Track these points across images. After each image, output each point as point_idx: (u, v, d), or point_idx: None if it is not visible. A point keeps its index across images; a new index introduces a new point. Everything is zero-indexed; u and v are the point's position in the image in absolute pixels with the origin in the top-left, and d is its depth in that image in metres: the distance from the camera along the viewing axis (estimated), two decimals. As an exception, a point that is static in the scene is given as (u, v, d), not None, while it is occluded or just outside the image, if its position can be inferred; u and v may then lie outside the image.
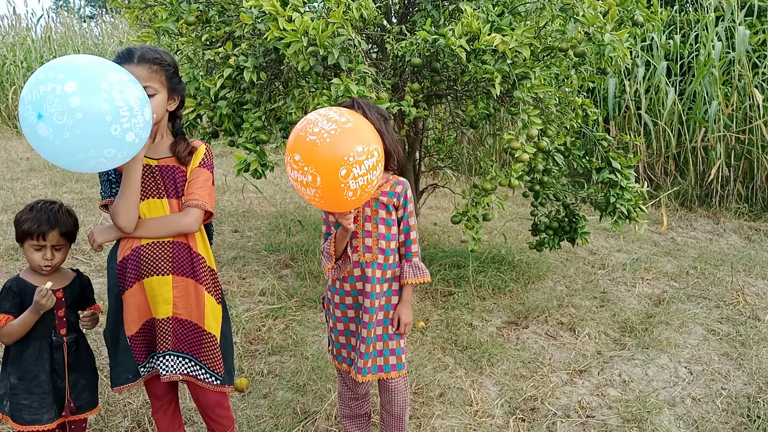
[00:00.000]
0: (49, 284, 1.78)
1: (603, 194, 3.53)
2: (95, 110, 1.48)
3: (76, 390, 1.92)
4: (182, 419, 2.15)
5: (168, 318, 1.86)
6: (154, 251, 1.81)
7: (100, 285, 3.63)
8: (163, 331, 1.87)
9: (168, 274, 1.83)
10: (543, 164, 3.44)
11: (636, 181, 4.83)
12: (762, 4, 5.96)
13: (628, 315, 3.53)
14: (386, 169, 2.01)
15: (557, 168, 3.59)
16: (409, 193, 2.00)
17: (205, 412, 2.04)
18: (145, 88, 1.69)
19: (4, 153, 7.85)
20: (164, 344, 1.88)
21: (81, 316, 1.93)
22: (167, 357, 1.89)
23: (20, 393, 1.84)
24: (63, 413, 1.90)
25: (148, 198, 1.80)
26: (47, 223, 1.80)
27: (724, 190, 5.69)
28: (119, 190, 1.75)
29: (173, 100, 1.82)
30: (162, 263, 1.82)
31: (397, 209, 1.99)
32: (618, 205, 3.41)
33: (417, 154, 4.10)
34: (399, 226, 2.00)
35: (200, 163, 1.85)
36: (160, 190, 1.81)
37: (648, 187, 5.01)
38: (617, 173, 3.43)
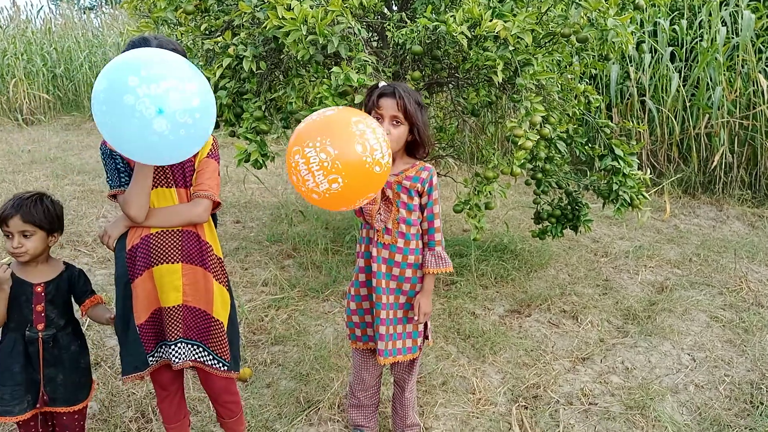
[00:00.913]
0: (6, 259, 1.76)
1: (606, 182, 3.51)
2: (209, 111, 1.60)
3: (53, 384, 1.88)
4: (187, 409, 2.17)
5: (178, 306, 1.88)
6: (164, 240, 1.84)
7: (102, 276, 3.64)
8: (173, 319, 1.89)
9: (177, 262, 1.85)
10: (545, 152, 3.42)
11: (639, 168, 4.81)
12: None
13: (631, 302, 3.52)
14: (412, 156, 2.01)
15: (560, 155, 3.57)
16: (435, 180, 1.98)
17: (214, 398, 2.08)
18: None
19: (5, 145, 7.84)
20: (175, 332, 1.89)
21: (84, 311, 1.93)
22: (179, 345, 1.91)
23: None
24: (38, 404, 1.87)
25: (156, 187, 1.83)
26: (11, 208, 1.79)
27: (727, 176, 5.66)
28: (131, 180, 1.78)
29: None
30: (171, 251, 1.85)
31: (420, 195, 1.98)
32: (621, 193, 3.39)
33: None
34: (423, 212, 2.00)
35: (208, 153, 1.88)
36: (169, 180, 1.84)
37: (651, 174, 4.99)
38: (620, 160, 3.41)
